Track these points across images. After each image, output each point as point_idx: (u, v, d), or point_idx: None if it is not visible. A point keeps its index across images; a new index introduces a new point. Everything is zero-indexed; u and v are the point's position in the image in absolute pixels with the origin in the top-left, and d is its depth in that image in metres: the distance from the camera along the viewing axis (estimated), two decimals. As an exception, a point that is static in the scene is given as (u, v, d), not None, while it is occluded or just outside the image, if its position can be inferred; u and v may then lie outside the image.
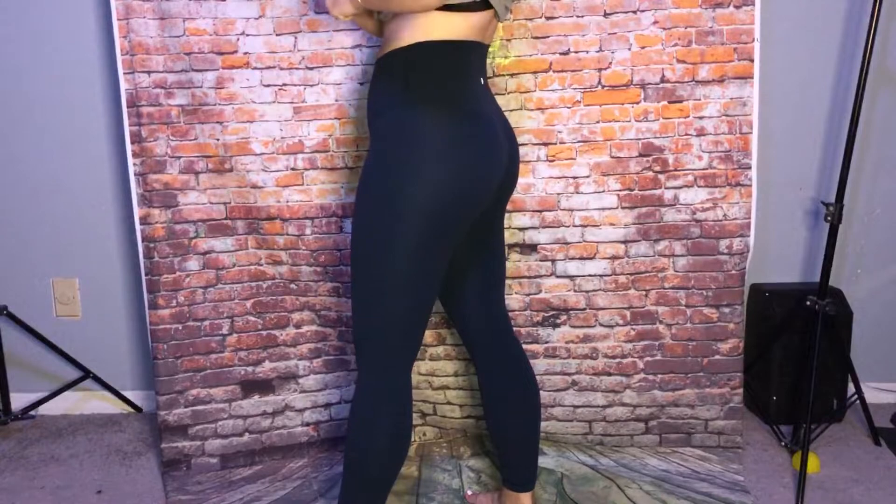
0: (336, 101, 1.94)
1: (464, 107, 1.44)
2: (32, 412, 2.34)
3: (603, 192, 1.97)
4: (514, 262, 2.01)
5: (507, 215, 1.99)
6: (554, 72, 1.93)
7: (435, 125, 1.40)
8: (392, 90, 1.46)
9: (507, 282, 2.02)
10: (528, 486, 1.74)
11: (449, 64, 1.46)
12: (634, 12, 1.90)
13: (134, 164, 1.96)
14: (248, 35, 1.92)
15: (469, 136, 1.43)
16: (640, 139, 1.95)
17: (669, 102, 1.93)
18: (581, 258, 2.00)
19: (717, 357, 2.03)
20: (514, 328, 2.04)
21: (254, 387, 2.08)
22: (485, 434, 2.11)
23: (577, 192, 1.98)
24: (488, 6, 1.48)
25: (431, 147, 1.39)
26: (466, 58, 1.48)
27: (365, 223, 1.43)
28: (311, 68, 1.94)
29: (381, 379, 1.48)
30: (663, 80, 1.93)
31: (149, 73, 1.92)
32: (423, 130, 1.40)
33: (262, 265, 2.04)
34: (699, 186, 1.97)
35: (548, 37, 1.91)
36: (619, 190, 1.97)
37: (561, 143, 1.96)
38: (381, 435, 1.46)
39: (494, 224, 1.66)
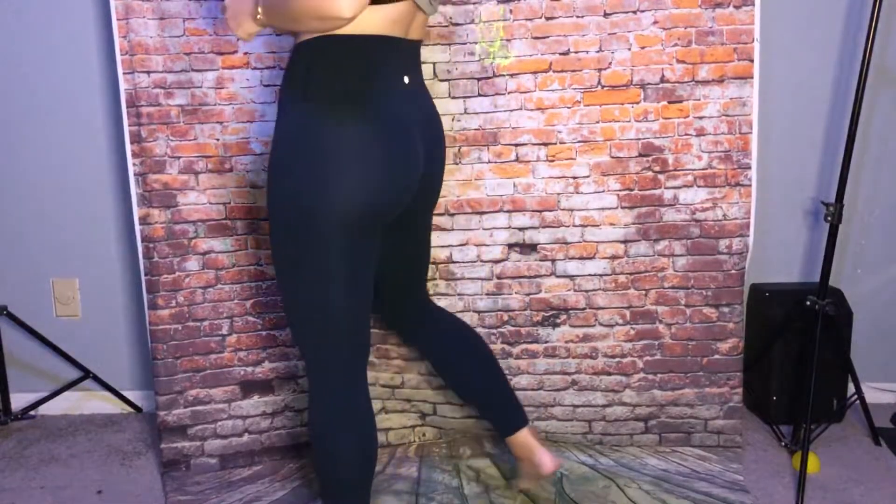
0: None
1: (366, 107, 1.35)
2: (32, 412, 2.34)
3: (603, 191, 1.97)
4: (514, 262, 2.01)
5: (507, 215, 1.99)
6: (554, 72, 1.93)
7: (333, 129, 1.33)
8: (293, 85, 1.39)
9: (508, 281, 2.02)
10: (518, 423, 1.75)
11: (353, 60, 1.35)
12: (634, 12, 1.90)
13: (133, 164, 1.96)
14: (247, 35, 1.92)
15: (372, 140, 1.34)
16: (639, 139, 1.95)
17: (669, 102, 1.94)
18: (581, 258, 2.00)
19: (716, 357, 2.03)
20: (514, 328, 2.04)
21: (253, 387, 2.08)
22: (485, 434, 2.11)
23: (577, 192, 1.98)
24: None
25: (332, 156, 1.32)
26: (376, 54, 1.37)
27: (279, 233, 1.39)
28: (311, 68, 1.94)
29: (335, 397, 1.46)
30: (663, 80, 1.93)
31: (148, 73, 1.92)
32: (322, 136, 1.33)
33: (261, 265, 2.04)
34: (699, 186, 1.97)
35: (548, 37, 1.91)
36: (619, 190, 1.97)
37: (561, 143, 1.96)
38: (343, 454, 1.45)
39: (419, 219, 1.65)
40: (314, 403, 1.48)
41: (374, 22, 1.35)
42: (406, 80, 1.44)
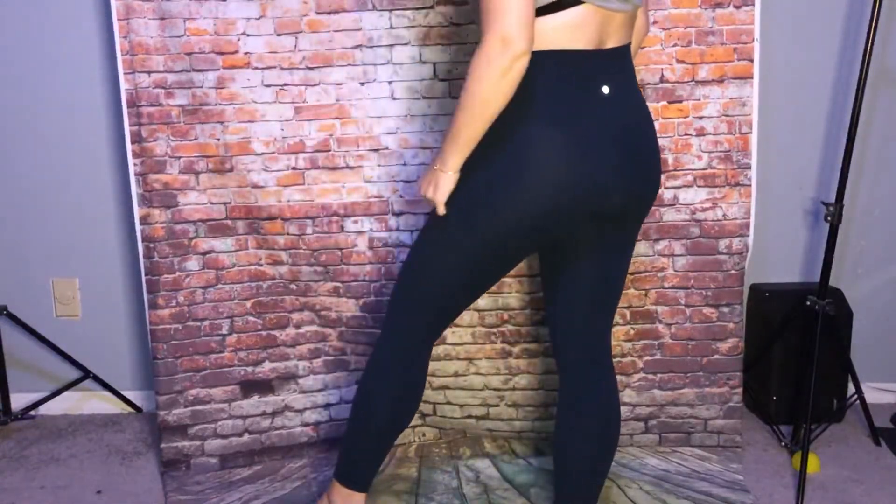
0: (337, 101, 1.95)
1: (550, 121, 1.33)
2: (32, 412, 2.34)
3: (603, 191, 1.97)
4: (514, 262, 2.01)
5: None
6: (554, 72, 1.93)
7: (515, 142, 1.34)
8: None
9: (508, 280, 2.02)
10: None
11: (534, 80, 1.32)
12: (634, 12, 1.90)
13: (134, 164, 1.96)
14: (248, 35, 1.93)
15: (549, 152, 1.32)
16: (639, 139, 1.95)
17: (669, 102, 1.94)
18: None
19: (716, 356, 2.03)
20: (514, 327, 2.04)
21: (253, 387, 2.08)
22: (484, 434, 2.11)
23: (577, 192, 1.97)
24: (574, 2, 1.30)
25: (505, 163, 1.35)
26: (558, 69, 1.33)
27: (453, 206, 1.42)
28: (312, 68, 1.94)
29: (400, 344, 1.56)
30: (663, 80, 1.93)
31: (149, 73, 1.92)
32: (507, 146, 1.35)
33: (262, 265, 2.04)
34: (699, 186, 1.97)
35: (548, 37, 1.91)
36: (619, 190, 1.97)
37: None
38: (390, 387, 1.57)
39: (614, 241, 1.51)
40: (376, 352, 1.59)
41: (551, 37, 1.32)
42: (606, 90, 1.37)
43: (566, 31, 1.33)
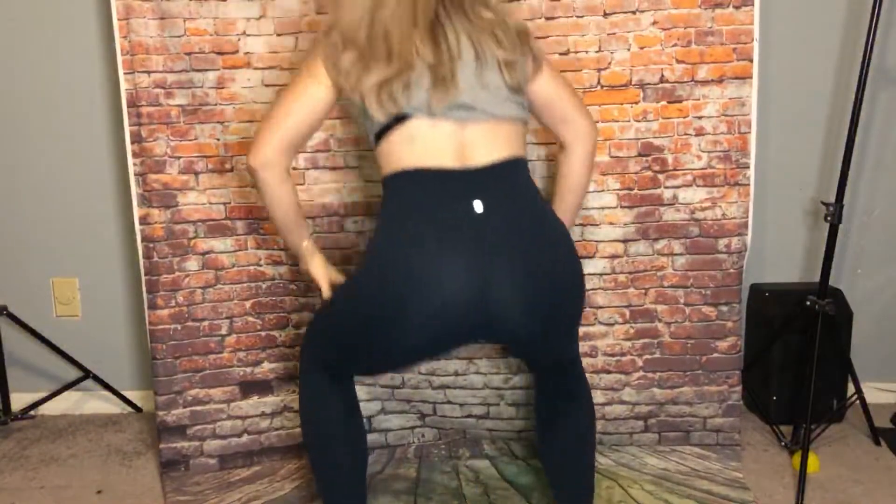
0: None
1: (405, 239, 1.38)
2: (32, 412, 2.34)
3: (602, 191, 1.97)
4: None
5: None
6: (553, 71, 1.93)
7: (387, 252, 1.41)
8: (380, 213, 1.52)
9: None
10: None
11: (397, 198, 1.43)
12: (634, 13, 1.90)
13: (134, 164, 1.96)
14: (248, 35, 1.93)
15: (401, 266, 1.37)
16: (639, 139, 1.95)
17: (668, 102, 1.94)
18: (581, 257, 2.00)
19: (715, 355, 2.03)
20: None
21: (252, 387, 2.08)
22: (484, 435, 2.11)
23: (577, 192, 1.97)
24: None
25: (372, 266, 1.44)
26: (410, 189, 1.41)
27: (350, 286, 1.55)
28: (311, 68, 1.94)
29: (318, 374, 1.60)
30: (662, 80, 1.93)
31: (149, 73, 1.92)
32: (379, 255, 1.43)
33: (261, 265, 2.04)
34: (698, 186, 1.97)
35: (547, 37, 1.91)
36: (619, 189, 1.97)
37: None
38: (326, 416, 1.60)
39: (537, 352, 1.56)
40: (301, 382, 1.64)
41: (403, 159, 1.41)
42: (478, 207, 1.37)
43: (405, 148, 1.40)
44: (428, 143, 1.39)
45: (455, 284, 1.33)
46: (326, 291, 1.62)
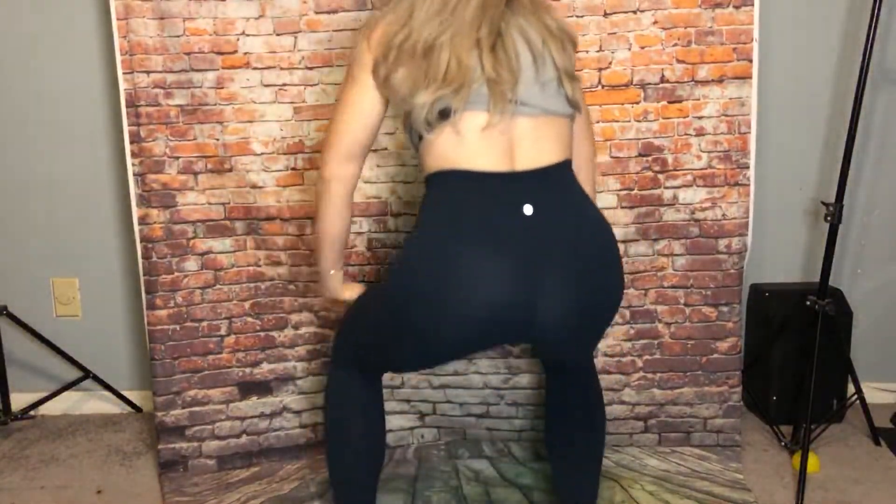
0: (336, 101, 1.94)
1: (459, 244, 1.33)
2: (32, 412, 2.33)
3: (602, 191, 1.96)
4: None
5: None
6: (553, 71, 1.92)
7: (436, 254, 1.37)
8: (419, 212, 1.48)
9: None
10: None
11: (444, 203, 1.38)
12: (634, 12, 1.90)
13: (133, 164, 1.96)
14: (247, 35, 1.93)
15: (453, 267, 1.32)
16: (639, 139, 1.95)
17: (669, 102, 1.94)
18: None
19: (715, 355, 2.03)
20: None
21: (251, 388, 2.07)
22: (484, 435, 2.11)
23: (577, 192, 1.97)
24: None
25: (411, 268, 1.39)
26: (458, 193, 1.36)
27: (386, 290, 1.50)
28: (311, 68, 1.94)
29: (348, 370, 1.59)
30: (663, 80, 1.93)
31: (148, 73, 1.92)
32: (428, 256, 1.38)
33: (260, 266, 2.04)
34: (698, 186, 1.97)
35: (547, 36, 1.91)
36: (619, 189, 1.97)
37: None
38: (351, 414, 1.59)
39: (558, 355, 1.55)
40: (330, 376, 1.64)
41: (451, 159, 1.36)
42: (528, 211, 1.33)
43: (451, 147, 1.37)
44: (477, 142, 1.35)
45: (500, 286, 1.30)
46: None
